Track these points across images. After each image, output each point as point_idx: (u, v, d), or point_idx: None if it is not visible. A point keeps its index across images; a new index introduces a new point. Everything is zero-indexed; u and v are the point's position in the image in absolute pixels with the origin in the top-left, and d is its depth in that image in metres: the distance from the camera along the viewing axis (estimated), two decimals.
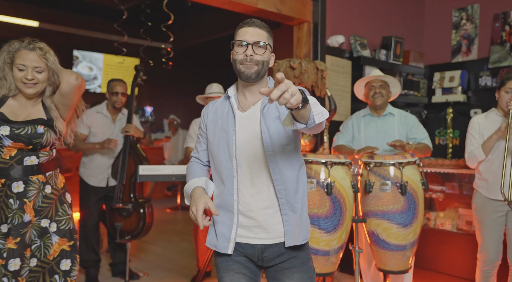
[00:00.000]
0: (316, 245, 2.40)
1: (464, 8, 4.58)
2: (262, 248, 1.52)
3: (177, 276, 3.67)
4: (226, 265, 1.55)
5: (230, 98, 1.57)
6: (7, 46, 1.86)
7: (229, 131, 1.52)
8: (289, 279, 1.51)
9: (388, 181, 2.45)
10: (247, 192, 1.51)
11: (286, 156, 1.49)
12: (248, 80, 1.50)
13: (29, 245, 1.81)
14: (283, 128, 1.47)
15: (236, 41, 1.51)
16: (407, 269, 2.52)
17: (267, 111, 1.49)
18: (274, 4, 3.47)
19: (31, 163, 1.84)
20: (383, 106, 2.88)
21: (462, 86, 4.48)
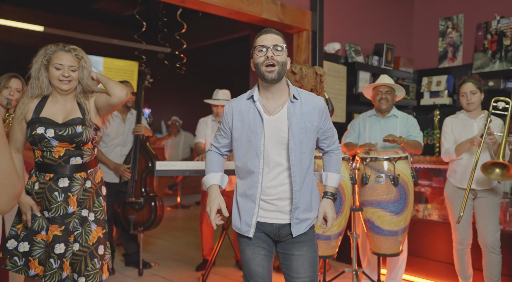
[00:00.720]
0: (318, 230, 2.69)
1: (450, 18, 4.93)
2: (279, 227, 1.78)
3: (184, 265, 3.94)
4: (248, 240, 1.82)
5: (255, 102, 1.75)
6: (44, 50, 2.11)
7: (258, 133, 1.72)
8: (298, 250, 1.77)
9: (382, 174, 2.76)
10: (270, 185, 1.74)
11: (304, 159, 1.75)
12: (272, 82, 1.70)
13: (72, 232, 2.04)
14: (305, 138, 1.73)
15: (257, 46, 1.71)
16: (399, 252, 2.83)
17: (294, 120, 1.72)
18: (277, 14, 3.77)
19: (76, 162, 2.07)
20: (388, 109, 3.19)
21: (448, 90, 4.82)
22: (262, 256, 1.80)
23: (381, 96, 3.14)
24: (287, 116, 1.73)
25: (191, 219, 6.36)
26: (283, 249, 1.82)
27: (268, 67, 1.68)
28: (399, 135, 3.11)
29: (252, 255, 1.81)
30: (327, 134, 1.85)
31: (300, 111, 1.74)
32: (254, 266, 1.81)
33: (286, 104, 1.75)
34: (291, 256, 1.78)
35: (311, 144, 1.77)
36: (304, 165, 1.76)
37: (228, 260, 4.05)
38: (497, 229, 2.83)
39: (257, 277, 1.81)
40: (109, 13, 7.08)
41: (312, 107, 1.76)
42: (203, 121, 3.86)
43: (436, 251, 3.35)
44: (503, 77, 4.36)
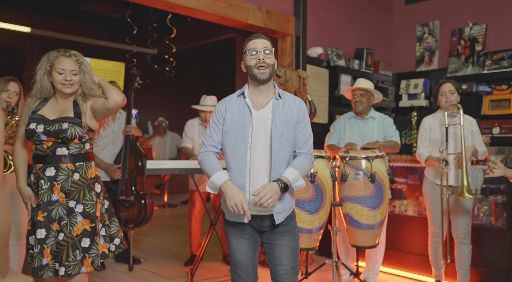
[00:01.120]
0: (301, 224, 2.87)
1: (426, 24, 5.19)
2: (262, 218, 1.95)
3: (173, 260, 4.08)
4: (234, 232, 1.98)
5: (245, 98, 1.93)
6: (47, 56, 2.25)
7: (246, 125, 1.90)
8: (281, 240, 1.93)
9: (360, 172, 2.95)
10: (254, 175, 1.90)
11: (283, 150, 1.91)
12: (263, 82, 1.89)
13: (55, 220, 2.14)
14: (286, 130, 1.90)
15: (249, 50, 1.89)
16: (375, 244, 3.03)
17: (277, 114, 1.91)
18: (262, 19, 3.95)
19: (62, 153, 2.19)
20: (365, 111, 3.38)
21: (425, 92, 5.07)
22: (246, 246, 1.96)
23: (356, 99, 3.35)
24: (271, 110, 1.92)
25: (178, 217, 6.49)
26: (267, 239, 1.99)
27: (260, 69, 1.87)
28: (376, 136, 3.31)
29: (237, 245, 1.97)
30: (302, 135, 1.97)
31: (283, 107, 1.93)
32: (239, 256, 1.96)
33: (272, 100, 1.95)
34: (274, 246, 1.95)
35: (291, 137, 1.92)
36: (283, 156, 1.91)
37: (216, 255, 4.21)
38: (469, 222, 3.06)
39: (242, 266, 1.97)
40: (96, 15, 7.16)
41: (293, 104, 1.96)
42: (190, 125, 3.98)
43: (412, 244, 3.57)
44: (475, 81, 4.63)
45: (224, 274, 3.66)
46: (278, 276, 1.93)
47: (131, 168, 3.72)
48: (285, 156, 1.92)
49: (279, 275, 1.93)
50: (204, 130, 3.92)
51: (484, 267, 3.17)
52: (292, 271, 1.93)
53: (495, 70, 4.47)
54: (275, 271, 1.94)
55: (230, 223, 2.00)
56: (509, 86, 4.44)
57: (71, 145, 2.22)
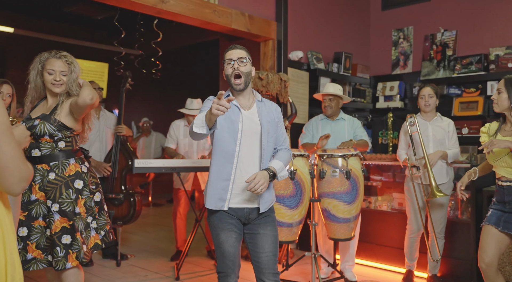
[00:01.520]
0: (281, 218, 3.07)
1: (401, 29, 5.45)
2: (249, 211, 2.12)
3: (159, 256, 4.23)
4: (222, 225, 2.10)
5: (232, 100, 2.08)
6: (39, 58, 2.38)
7: (236, 122, 2.08)
8: (263, 230, 2.11)
9: (337, 169, 3.16)
10: (243, 168, 2.07)
11: (269, 146, 2.14)
12: (240, 91, 2.11)
13: (37, 218, 2.24)
14: (271, 129, 2.13)
15: (225, 60, 2.09)
16: (351, 237, 3.24)
17: (263, 115, 2.13)
18: (245, 24, 4.13)
19: (36, 154, 2.29)
20: (334, 114, 3.61)
21: (400, 94, 5.33)
22: (233, 238, 2.10)
23: (325, 104, 3.57)
24: (257, 111, 2.14)
25: (163, 216, 6.62)
26: (250, 230, 2.15)
27: (236, 80, 2.07)
28: (347, 135, 3.54)
29: (225, 238, 2.09)
30: (281, 133, 2.23)
31: (265, 109, 2.18)
32: (228, 248, 2.09)
33: (255, 103, 2.17)
34: (257, 235, 2.12)
35: (274, 135, 2.17)
36: (269, 151, 2.15)
37: (200, 251, 4.37)
38: (445, 218, 3.29)
39: (230, 256, 2.11)
40: (80, 16, 7.21)
41: (272, 108, 2.22)
42: (175, 125, 4.12)
43: (386, 237, 3.80)
44: (446, 84, 4.90)
45: (209, 268, 3.83)
46: (261, 263, 2.08)
47: (121, 166, 3.85)
48: (270, 151, 2.16)
49: (261, 262, 2.08)
50: (188, 131, 4.07)
51: (451, 257, 3.42)
52: (273, 258, 2.10)
53: (464, 74, 4.75)
54: (258, 258, 2.10)
55: (219, 218, 2.11)
56: (477, 89, 4.73)
57: (42, 143, 2.28)
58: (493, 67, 4.58)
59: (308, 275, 3.53)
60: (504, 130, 2.43)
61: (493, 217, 2.40)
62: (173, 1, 3.57)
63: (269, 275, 2.08)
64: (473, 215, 3.34)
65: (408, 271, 3.47)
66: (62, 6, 6.44)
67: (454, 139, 3.33)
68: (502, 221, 2.35)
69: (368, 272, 3.75)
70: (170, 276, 3.61)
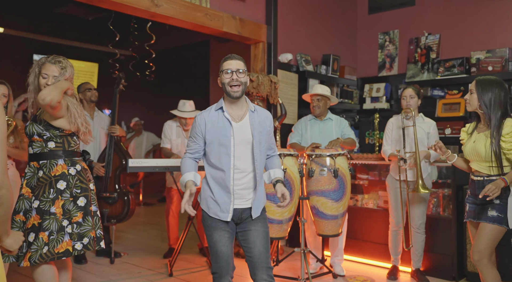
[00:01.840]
0: (272, 215, 3.19)
1: (387, 32, 5.62)
2: (242, 211, 2.19)
3: (152, 254, 4.32)
4: (215, 225, 2.18)
5: (224, 112, 2.17)
6: (37, 62, 2.47)
7: (227, 136, 2.14)
8: (254, 226, 2.19)
9: (325, 168, 3.30)
10: (238, 177, 2.15)
11: (261, 156, 2.21)
12: (236, 98, 2.16)
13: (19, 212, 2.32)
14: (262, 139, 2.21)
15: (224, 70, 2.14)
16: (339, 233, 3.38)
17: (255, 126, 2.19)
18: (236, 28, 4.24)
19: (30, 152, 2.41)
20: (322, 114, 3.73)
21: (386, 96, 5.49)
22: (226, 238, 2.18)
23: (313, 104, 3.69)
24: (249, 122, 2.20)
25: (154, 215, 6.70)
26: (242, 228, 2.22)
27: (233, 88, 2.14)
28: (334, 134, 3.67)
29: (219, 237, 2.17)
30: (272, 141, 2.35)
31: (258, 119, 2.22)
32: (221, 247, 2.16)
33: (247, 114, 2.22)
34: (248, 232, 2.20)
35: (266, 144, 2.25)
36: (262, 160, 2.23)
37: (192, 248, 4.47)
38: (424, 214, 3.45)
39: (223, 256, 2.16)
40: (70, 16, 7.24)
41: (264, 117, 2.27)
42: (168, 126, 4.21)
43: (372, 234, 3.94)
44: (430, 86, 5.08)
45: (201, 265, 3.93)
46: (253, 257, 2.17)
47: (115, 166, 3.93)
48: (262, 159, 2.24)
49: (254, 256, 2.16)
50: (181, 131, 4.16)
51: (433, 252, 3.58)
52: (265, 252, 2.19)
53: (447, 77, 4.93)
54: (250, 253, 2.18)
55: (213, 219, 2.19)
56: (459, 91, 4.91)
57: (34, 142, 2.39)
58: (474, 70, 4.77)
59: (298, 271, 3.65)
60: (479, 128, 2.59)
61: (470, 212, 2.56)
62: (166, 5, 3.66)
63: (262, 269, 2.16)
64: (454, 211, 3.50)
65: (393, 266, 3.62)
66: (53, 7, 6.46)
67: (435, 140, 3.47)
68: (476, 213, 2.51)
69: (355, 267, 3.89)
70: (164, 272, 3.70)
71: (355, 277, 3.57)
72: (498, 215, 2.40)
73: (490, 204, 2.44)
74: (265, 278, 2.16)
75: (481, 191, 2.41)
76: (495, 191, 2.34)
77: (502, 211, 2.40)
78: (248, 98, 2.30)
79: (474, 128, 2.62)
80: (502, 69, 4.60)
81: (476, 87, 2.53)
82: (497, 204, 2.42)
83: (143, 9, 3.51)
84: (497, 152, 2.41)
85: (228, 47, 6.25)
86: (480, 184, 2.50)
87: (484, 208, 2.46)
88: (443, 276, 3.52)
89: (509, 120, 2.44)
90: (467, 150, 2.56)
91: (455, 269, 3.48)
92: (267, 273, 2.17)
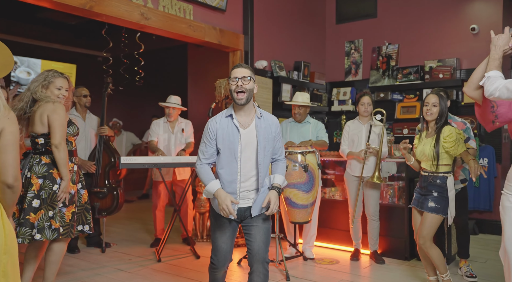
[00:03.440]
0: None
1: (353, 41, 6.17)
2: (245, 209, 2.35)
3: (139, 244, 4.70)
4: (219, 223, 2.39)
5: (233, 119, 2.29)
6: (46, 72, 2.86)
7: (235, 143, 2.28)
8: (256, 223, 2.34)
9: (296, 163, 3.78)
10: (244, 179, 2.31)
11: (266, 160, 2.34)
12: (241, 105, 2.27)
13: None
14: (267, 144, 2.32)
15: (231, 78, 2.28)
16: (308, 220, 3.87)
17: (260, 132, 2.31)
18: (216, 37, 4.67)
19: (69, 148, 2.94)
20: (303, 119, 4.20)
21: (352, 99, 6.04)
22: (227, 236, 2.38)
23: (295, 111, 4.15)
24: (255, 129, 2.33)
25: (135, 211, 7.02)
26: (246, 223, 2.38)
27: (238, 94, 2.26)
28: (311, 136, 4.16)
29: (220, 234, 2.39)
30: (278, 147, 2.44)
31: (264, 125, 2.34)
32: (220, 243, 2.38)
33: (254, 120, 2.34)
34: (251, 227, 2.36)
35: (271, 149, 2.37)
36: (266, 164, 2.35)
37: (175, 239, 4.87)
38: (377, 203, 3.99)
39: (222, 251, 2.38)
40: (50, 20, 7.45)
41: (271, 122, 2.38)
42: (156, 123, 4.63)
43: (338, 222, 4.46)
44: (390, 91, 5.66)
45: (186, 252, 4.34)
46: (253, 250, 2.33)
47: (104, 163, 4.29)
48: (267, 163, 2.37)
49: (253, 250, 2.33)
50: (168, 127, 4.59)
51: (389, 236, 4.13)
52: (264, 247, 2.35)
53: (405, 82, 5.52)
54: (251, 246, 2.35)
55: (219, 216, 2.39)
56: (415, 96, 5.51)
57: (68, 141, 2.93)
58: (428, 77, 5.38)
59: (274, 255, 4.13)
60: (428, 133, 3.07)
61: (415, 200, 3.09)
62: (154, 18, 4.05)
63: (259, 262, 2.32)
64: (407, 201, 4.06)
65: (355, 249, 4.15)
66: (36, 11, 6.68)
67: (384, 141, 3.94)
68: (420, 202, 3.04)
69: (324, 252, 4.39)
70: (152, 259, 4.10)
71: (323, 259, 4.08)
72: (435, 205, 2.92)
73: (430, 196, 2.96)
74: (261, 270, 2.33)
75: (426, 184, 2.95)
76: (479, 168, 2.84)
77: (439, 202, 2.92)
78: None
79: (420, 130, 3.15)
80: (451, 76, 5.22)
81: (440, 102, 2.97)
82: (435, 196, 2.94)
83: (134, 21, 3.90)
84: (437, 151, 2.94)
85: (205, 51, 6.65)
86: (426, 178, 3.01)
87: (426, 199, 2.98)
88: (397, 257, 4.07)
89: (446, 127, 2.98)
90: (418, 152, 3.07)
91: (408, 250, 4.04)
92: (263, 266, 2.34)
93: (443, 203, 2.92)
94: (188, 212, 4.63)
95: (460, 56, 5.30)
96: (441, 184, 2.94)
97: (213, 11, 4.67)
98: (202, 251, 4.32)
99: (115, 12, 3.75)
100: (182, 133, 4.62)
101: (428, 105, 3.00)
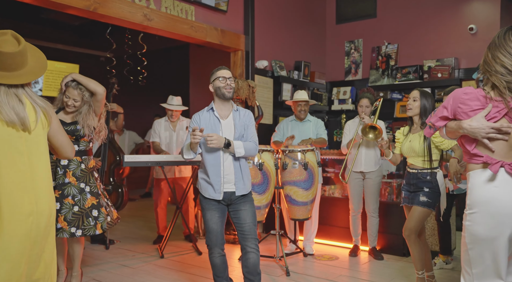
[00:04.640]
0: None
1: (353, 41, 6.24)
2: (231, 193, 2.67)
3: (142, 241, 4.79)
4: (208, 206, 2.69)
5: (214, 112, 2.72)
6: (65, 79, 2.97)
7: (217, 131, 2.68)
8: (244, 206, 2.69)
9: (296, 161, 3.86)
10: (227, 165, 2.66)
11: None
12: (228, 99, 2.71)
13: (67, 196, 2.86)
14: (243, 132, 2.71)
15: (219, 77, 2.70)
16: (308, 217, 3.95)
17: (237, 122, 2.73)
18: (218, 38, 4.75)
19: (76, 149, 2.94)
20: (305, 117, 4.29)
21: (352, 98, 6.11)
22: (217, 217, 2.69)
23: (300, 108, 4.22)
24: (233, 119, 2.75)
25: (138, 209, 7.12)
26: (233, 208, 2.71)
27: (227, 89, 2.71)
28: (311, 134, 4.24)
29: (210, 217, 2.69)
30: (249, 132, 2.76)
31: (239, 117, 2.75)
32: (212, 225, 2.69)
33: (231, 112, 2.77)
34: (239, 211, 2.69)
35: (246, 136, 2.74)
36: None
37: (178, 236, 4.95)
38: (377, 200, 4.06)
39: (214, 231, 2.69)
40: (54, 21, 7.54)
41: (244, 114, 2.80)
42: (157, 123, 4.72)
43: (338, 219, 4.54)
44: (389, 90, 5.73)
45: (188, 249, 4.43)
46: (244, 231, 2.67)
47: (109, 162, 4.38)
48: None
49: (244, 230, 2.67)
50: (169, 125, 4.68)
51: (387, 233, 4.21)
52: (253, 227, 2.69)
53: (404, 82, 5.59)
54: (242, 228, 2.68)
55: (207, 201, 2.70)
56: None
57: (81, 142, 2.99)
58: (426, 77, 5.45)
59: (274, 251, 4.21)
60: (413, 129, 3.13)
61: (405, 198, 3.13)
62: (157, 19, 4.14)
63: (251, 240, 2.67)
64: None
65: (354, 246, 4.23)
66: (41, 12, 6.78)
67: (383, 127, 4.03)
68: (410, 198, 3.09)
69: (324, 248, 4.47)
70: (155, 255, 4.19)
71: (322, 256, 4.16)
72: (427, 200, 2.98)
73: (421, 191, 3.00)
74: (253, 246, 2.68)
75: (415, 181, 3.00)
76: (459, 170, 2.93)
77: (431, 197, 2.98)
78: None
79: (408, 130, 3.19)
80: (449, 76, 5.29)
81: (420, 97, 3.05)
82: (427, 191, 2.99)
83: (137, 23, 3.98)
84: (429, 147, 3.00)
85: (206, 51, 6.74)
86: (414, 175, 3.05)
87: (417, 194, 3.02)
88: (395, 253, 4.15)
89: None
90: (405, 148, 3.11)
91: (405, 246, 4.10)
92: (254, 243, 2.69)
93: (435, 198, 2.99)
94: (190, 210, 4.72)
95: (459, 56, 5.37)
96: (431, 180, 2.98)
97: (215, 12, 4.75)
98: (204, 247, 4.35)
99: (118, 14, 3.84)
100: (184, 131, 4.71)
101: (409, 100, 3.07)
